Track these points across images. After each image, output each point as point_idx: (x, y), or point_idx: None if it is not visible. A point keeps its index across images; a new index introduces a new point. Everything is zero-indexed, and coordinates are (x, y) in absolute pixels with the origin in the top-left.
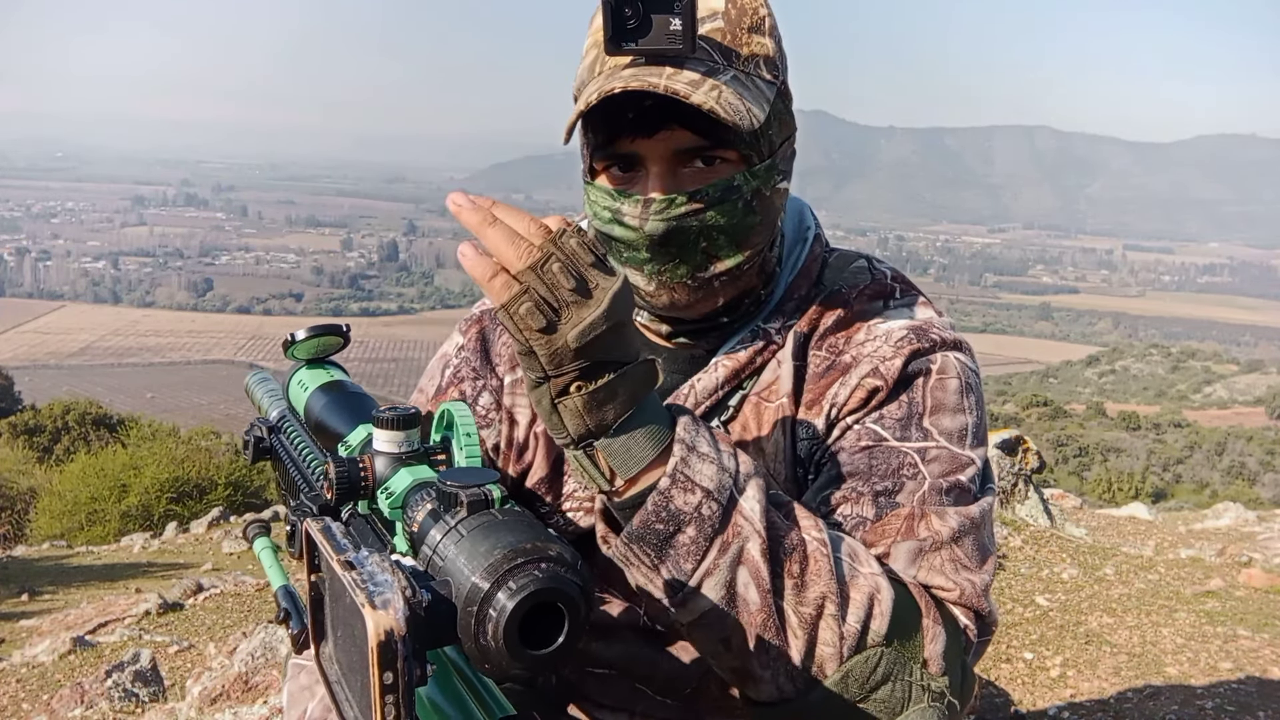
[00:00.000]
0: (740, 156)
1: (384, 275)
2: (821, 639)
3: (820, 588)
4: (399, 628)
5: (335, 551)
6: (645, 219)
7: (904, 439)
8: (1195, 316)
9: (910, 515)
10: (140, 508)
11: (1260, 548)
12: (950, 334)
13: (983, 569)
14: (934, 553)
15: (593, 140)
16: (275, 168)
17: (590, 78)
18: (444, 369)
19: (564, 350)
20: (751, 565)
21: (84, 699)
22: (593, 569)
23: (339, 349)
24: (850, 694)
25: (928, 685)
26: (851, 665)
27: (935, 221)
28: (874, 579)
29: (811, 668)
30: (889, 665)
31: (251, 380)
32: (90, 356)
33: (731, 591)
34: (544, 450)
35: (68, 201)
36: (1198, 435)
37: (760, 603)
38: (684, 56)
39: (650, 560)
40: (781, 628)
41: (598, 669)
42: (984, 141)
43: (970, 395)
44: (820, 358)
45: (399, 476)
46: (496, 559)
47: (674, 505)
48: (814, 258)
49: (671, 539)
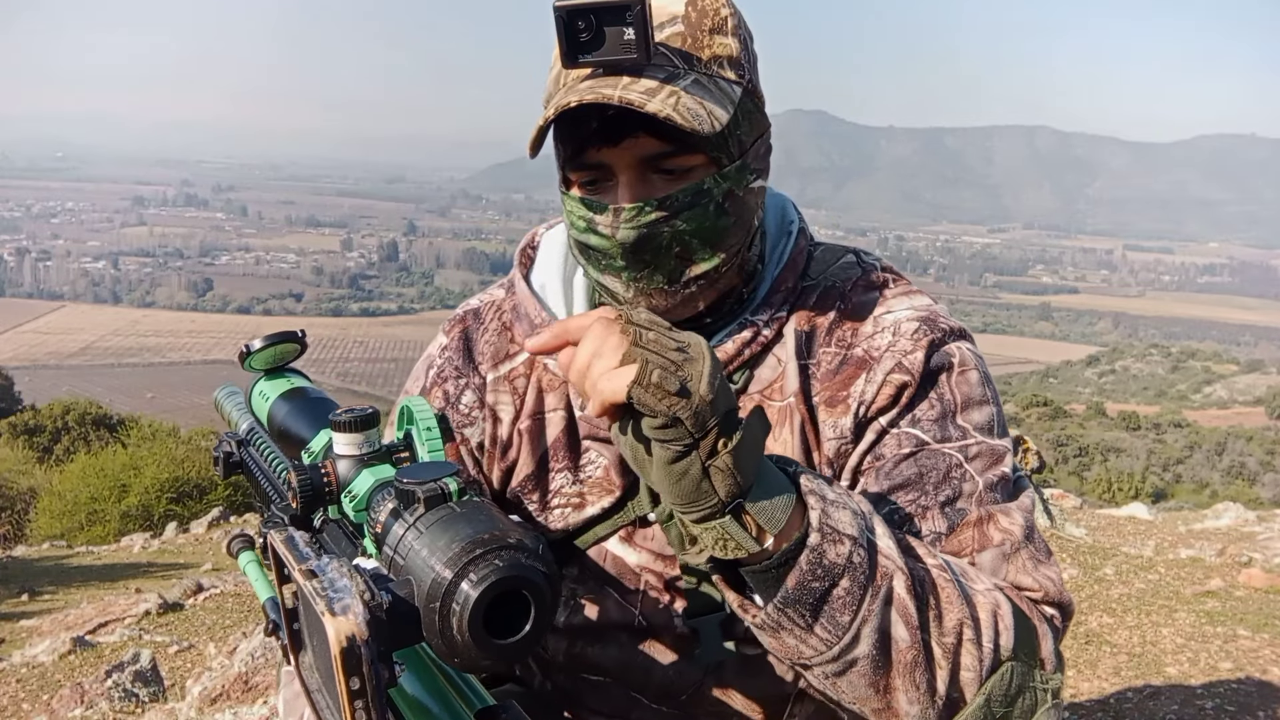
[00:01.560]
0: (709, 159)
1: (384, 275)
2: (963, 665)
3: (956, 615)
4: (360, 632)
5: (297, 561)
6: (617, 228)
7: (944, 440)
8: (1195, 316)
9: (979, 521)
10: (140, 508)
11: (1260, 548)
12: (954, 322)
13: (1051, 559)
14: (1015, 555)
15: (562, 152)
16: (275, 168)
17: (556, 90)
18: (428, 369)
19: (704, 406)
20: (900, 604)
21: (84, 699)
22: (582, 572)
23: (297, 356)
24: (992, 714)
25: (1048, 686)
26: (990, 686)
27: (935, 221)
28: (991, 595)
29: (955, 695)
30: (1020, 677)
31: (220, 395)
32: (90, 356)
33: (885, 634)
34: (529, 447)
35: (68, 201)
36: (1198, 435)
37: (910, 640)
38: (641, 65)
39: (805, 620)
40: (929, 662)
41: (593, 675)
42: (984, 141)
43: (989, 385)
44: (830, 354)
45: (361, 478)
46: (456, 551)
47: (827, 560)
48: (799, 251)
49: (828, 594)
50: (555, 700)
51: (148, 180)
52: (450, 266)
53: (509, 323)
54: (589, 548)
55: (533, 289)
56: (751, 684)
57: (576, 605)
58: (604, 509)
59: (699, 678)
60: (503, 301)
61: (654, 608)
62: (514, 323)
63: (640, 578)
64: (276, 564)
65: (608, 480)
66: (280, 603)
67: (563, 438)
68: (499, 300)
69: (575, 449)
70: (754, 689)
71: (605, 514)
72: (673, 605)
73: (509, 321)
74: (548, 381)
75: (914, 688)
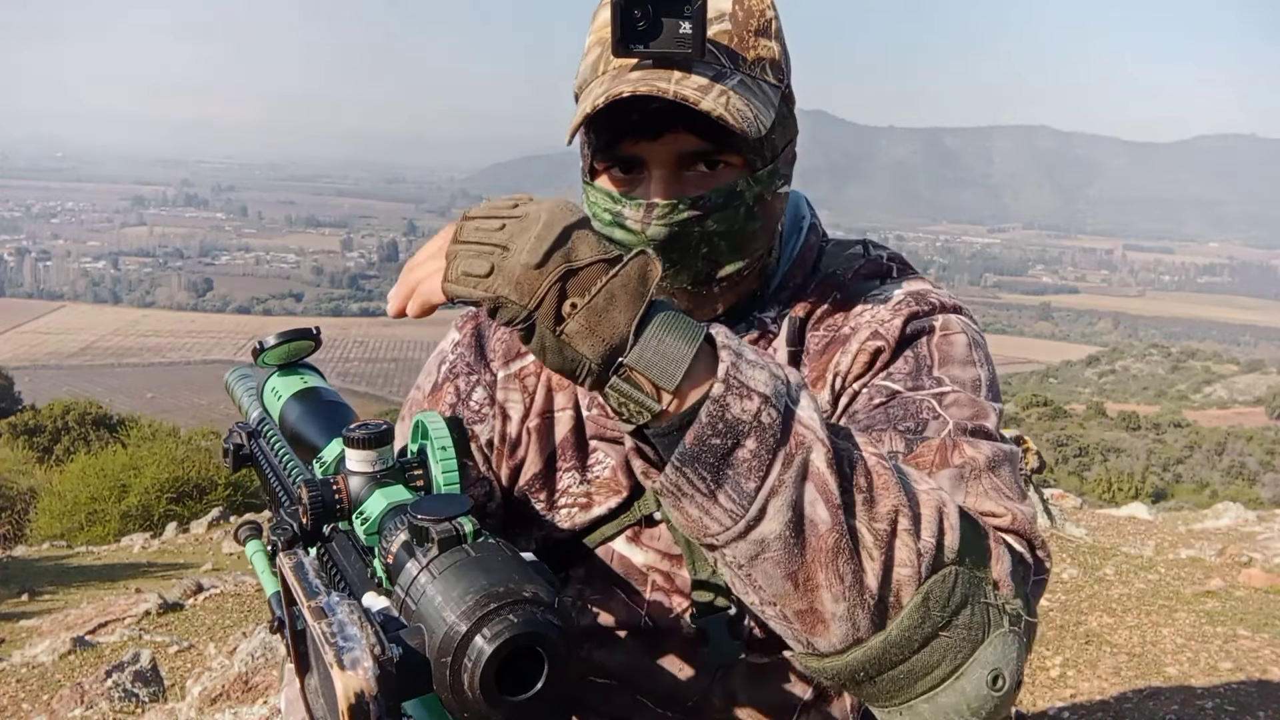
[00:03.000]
0: (744, 161)
1: (384, 275)
2: (898, 559)
3: (891, 500)
4: (369, 688)
5: (307, 596)
6: (647, 223)
7: (917, 388)
8: (1195, 316)
9: (942, 446)
10: (140, 508)
11: (1260, 548)
12: (950, 299)
13: (1025, 501)
14: (975, 480)
15: (595, 141)
16: (275, 168)
17: (593, 77)
18: (440, 365)
19: (525, 273)
20: (818, 479)
21: (84, 699)
22: (589, 572)
23: (310, 353)
24: (932, 621)
25: (1003, 607)
26: (930, 587)
27: (935, 221)
28: (937, 494)
29: (889, 595)
30: (966, 586)
31: (231, 377)
32: (90, 356)
33: (799, 512)
34: (537, 446)
35: (68, 201)
36: (1198, 435)
37: (830, 521)
38: (693, 61)
39: (707, 485)
40: (855, 550)
41: (599, 679)
42: (984, 141)
43: (979, 350)
44: (818, 336)
45: (374, 500)
46: (470, 604)
47: (731, 414)
48: (810, 247)
49: (730, 454)
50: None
51: (148, 180)
52: None
53: None
54: (596, 547)
55: None
56: (758, 693)
57: (583, 607)
58: (611, 509)
59: (706, 683)
60: None
61: (661, 608)
62: None
63: (647, 578)
64: (285, 590)
65: (615, 481)
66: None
67: (571, 437)
68: None
69: (583, 449)
70: (761, 698)
71: (612, 514)
72: (680, 605)
73: None
74: (557, 381)
75: (838, 580)
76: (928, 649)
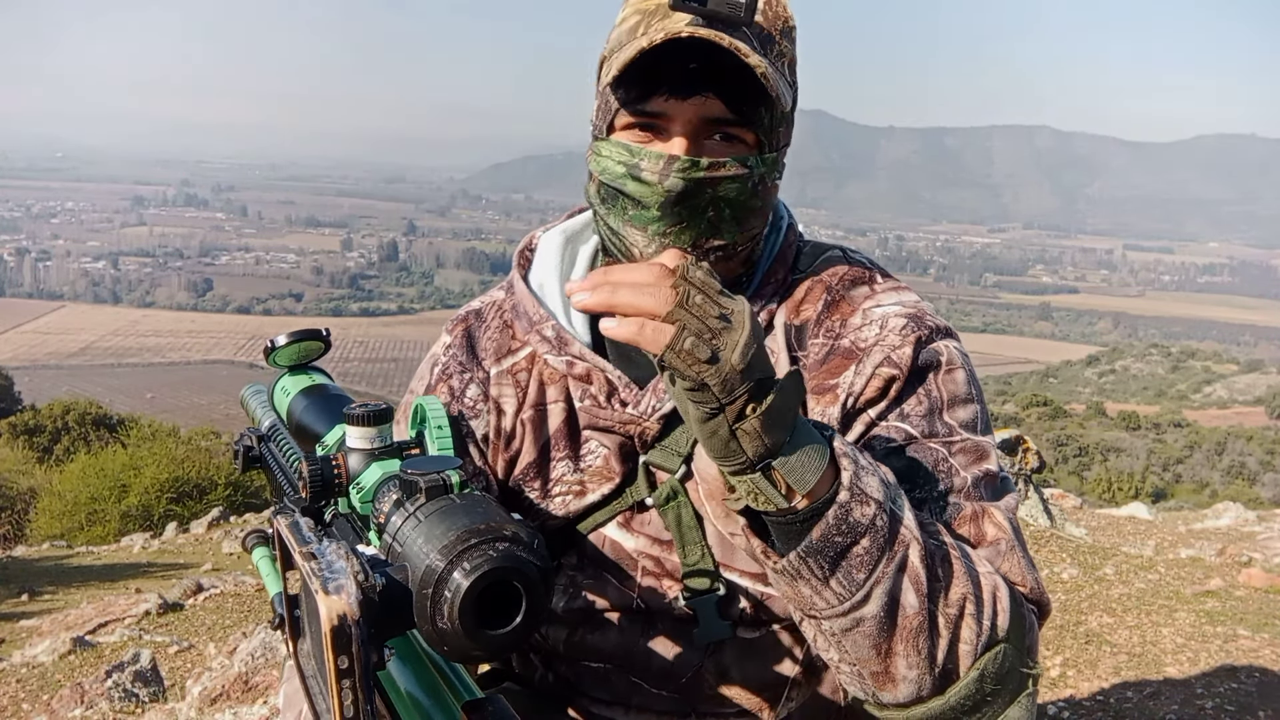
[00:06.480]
0: (756, 141)
1: (384, 275)
2: (962, 637)
3: (960, 589)
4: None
5: (299, 544)
6: (666, 174)
7: (931, 434)
8: (1195, 316)
9: (974, 516)
10: (140, 508)
11: (1260, 548)
12: (940, 320)
13: (1034, 567)
14: (1008, 555)
15: (623, 96)
16: (275, 168)
17: (630, 39)
18: (432, 368)
19: (732, 374)
20: (913, 572)
21: (84, 699)
22: (581, 558)
23: (321, 354)
24: (982, 691)
25: (1032, 673)
26: (985, 663)
27: (935, 221)
28: (992, 577)
29: (951, 667)
30: (1011, 659)
31: (246, 392)
32: (90, 356)
33: (894, 598)
34: (532, 437)
35: (68, 201)
36: (1198, 435)
37: (917, 607)
38: (742, 24)
39: (824, 571)
40: (931, 630)
41: (594, 663)
42: (984, 141)
43: (974, 384)
44: (818, 344)
45: (370, 471)
46: (450, 540)
47: (853, 518)
48: (788, 245)
49: (848, 550)
50: (556, 692)
51: (148, 180)
52: (450, 266)
53: (510, 320)
54: (589, 533)
55: (531, 289)
56: (750, 669)
57: (576, 591)
58: (604, 496)
59: (698, 661)
60: (503, 301)
61: (652, 592)
62: (514, 320)
63: (638, 563)
64: (281, 549)
65: (607, 468)
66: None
67: (564, 428)
68: (499, 300)
69: (576, 439)
70: (752, 674)
71: (605, 500)
72: (670, 589)
73: (510, 319)
74: (549, 375)
75: (915, 653)
76: (977, 708)
